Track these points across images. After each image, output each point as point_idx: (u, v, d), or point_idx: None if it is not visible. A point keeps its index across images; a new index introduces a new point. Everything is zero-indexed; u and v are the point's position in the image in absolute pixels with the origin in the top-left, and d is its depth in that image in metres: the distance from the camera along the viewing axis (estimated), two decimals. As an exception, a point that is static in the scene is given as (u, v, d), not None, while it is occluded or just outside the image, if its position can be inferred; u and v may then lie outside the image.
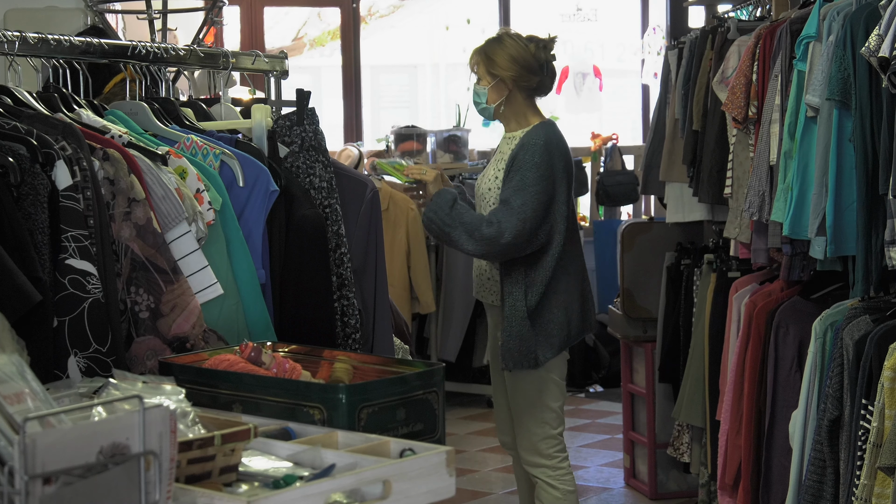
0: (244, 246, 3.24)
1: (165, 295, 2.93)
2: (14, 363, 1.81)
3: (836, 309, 3.90)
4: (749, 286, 4.67)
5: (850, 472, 3.57)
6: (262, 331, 3.21)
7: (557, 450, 4.33)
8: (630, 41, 10.65)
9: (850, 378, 3.61)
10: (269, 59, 3.99)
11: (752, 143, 4.41)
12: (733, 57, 4.62)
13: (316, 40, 11.66)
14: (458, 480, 2.10)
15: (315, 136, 3.66)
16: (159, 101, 3.52)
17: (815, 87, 3.79)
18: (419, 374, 2.68)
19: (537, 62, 4.25)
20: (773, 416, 4.27)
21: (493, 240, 4.03)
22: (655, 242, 5.87)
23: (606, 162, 9.12)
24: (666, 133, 5.39)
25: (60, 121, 2.97)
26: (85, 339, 2.72)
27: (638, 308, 5.95)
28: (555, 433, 4.31)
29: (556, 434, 4.32)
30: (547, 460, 4.32)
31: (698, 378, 5.09)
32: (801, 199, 3.88)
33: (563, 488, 4.32)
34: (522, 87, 4.26)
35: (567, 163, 4.23)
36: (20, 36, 3.15)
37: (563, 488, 4.32)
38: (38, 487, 1.53)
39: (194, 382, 2.62)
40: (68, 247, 2.74)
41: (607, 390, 8.46)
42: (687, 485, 5.82)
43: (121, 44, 3.56)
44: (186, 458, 1.91)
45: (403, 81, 12.97)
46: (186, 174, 3.14)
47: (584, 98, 10.57)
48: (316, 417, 2.49)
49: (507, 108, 4.29)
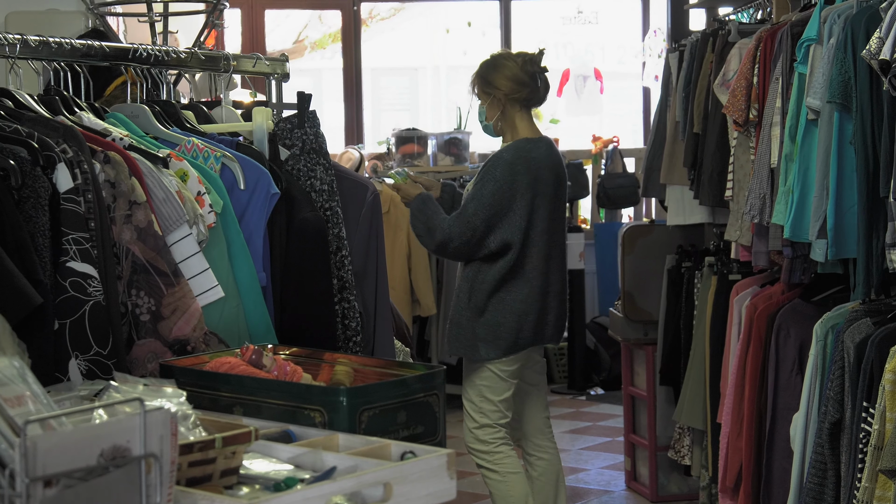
0: (245, 249, 3.24)
1: (166, 298, 2.93)
2: (15, 366, 1.81)
3: (837, 312, 3.90)
4: (750, 289, 4.67)
5: (851, 475, 3.57)
6: (263, 333, 3.21)
7: (495, 437, 4.55)
8: (631, 44, 10.65)
9: (851, 381, 3.61)
10: (270, 61, 3.99)
11: (752, 146, 4.41)
12: (734, 60, 4.62)
13: (317, 43, 11.67)
14: (458, 483, 2.10)
15: (316, 138, 3.66)
16: (160, 104, 3.52)
17: (816, 89, 3.79)
18: (420, 377, 2.68)
19: (526, 74, 4.56)
20: (774, 418, 4.27)
21: (443, 243, 4.46)
22: (656, 245, 5.87)
23: (607, 165, 9.12)
24: (667, 136, 5.39)
25: (61, 123, 2.97)
26: (86, 341, 2.72)
27: (639, 310, 5.95)
28: (491, 422, 4.55)
29: (494, 424, 4.55)
30: (483, 446, 4.56)
31: (699, 381, 5.09)
32: (801, 201, 3.88)
33: (502, 471, 4.54)
34: (514, 100, 4.56)
35: (538, 179, 4.46)
36: (21, 39, 3.15)
37: (502, 471, 4.54)
38: (38, 490, 1.53)
39: (195, 385, 2.62)
40: (69, 249, 2.74)
41: (608, 393, 8.46)
42: (688, 487, 5.82)
43: (122, 46, 3.56)
44: (187, 460, 1.91)
45: (404, 84, 12.98)
46: (187, 177, 3.14)
47: (585, 101, 10.57)
48: (317, 420, 2.49)
49: (503, 123, 4.61)
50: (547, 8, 11.47)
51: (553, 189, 4.50)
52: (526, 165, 4.43)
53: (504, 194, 4.40)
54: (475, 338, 4.47)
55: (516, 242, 4.41)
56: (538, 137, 4.56)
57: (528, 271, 4.46)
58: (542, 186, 4.46)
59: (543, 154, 4.50)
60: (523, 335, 4.47)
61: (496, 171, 4.43)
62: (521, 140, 4.52)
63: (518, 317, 4.45)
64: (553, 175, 4.51)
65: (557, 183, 4.53)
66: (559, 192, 4.55)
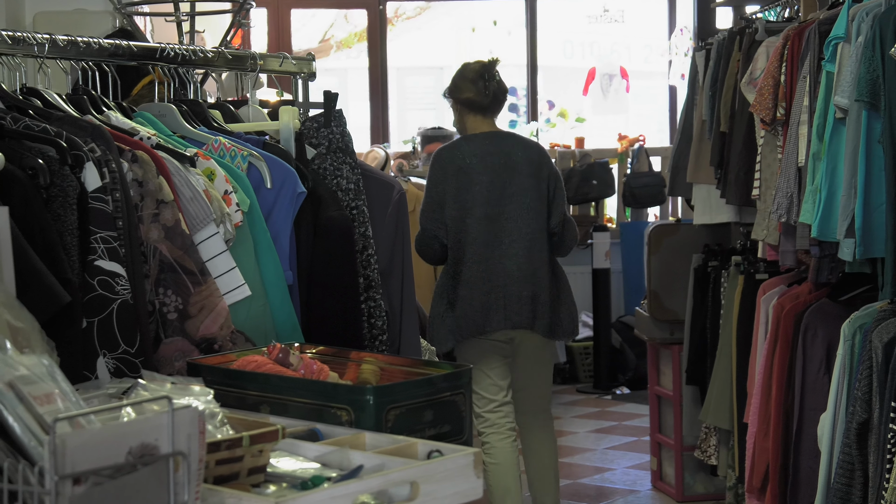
0: (272, 247, 3.25)
1: (193, 296, 2.94)
2: (44, 364, 1.82)
3: (864, 311, 3.88)
4: (777, 288, 4.65)
5: (879, 476, 3.55)
6: (290, 332, 3.21)
7: (484, 426, 4.78)
8: (657, 42, 10.64)
9: (879, 381, 3.59)
10: (296, 60, 4.00)
11: (780, 145, 4.39)
12: (761, 58, 4.60)
13: (343, 42, 11.70)
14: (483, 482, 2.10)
15: (342, 137, 3.66)
16: (187, 103, 3.53)
17: (844, 88, 3.77)
18: (446, 376, 2.68)
19: (467, 78, 4.79)
20: (801, 418, 4.25)
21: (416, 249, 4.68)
22: (682, 244, 5.85)
23: (633, 164, 9.10)
24: (693, 134, 5.37)
25: (89, 123, 2.98)
26: (114, 340, 2.73)
27: (665, 310, 5.93)
28: (479, 412, 4.75)
29: (481, 413, 4.75)
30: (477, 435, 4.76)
31: (725, 380, 5.07)
32: (829, 200, 3.85)
33: (486, 461, 4.74)
34: (460, 101, 4.81)
35: (460, 169, 4.68)
36: (50, 38, 3.17)
37: (486, 461, 4.74)
38: (67, 488, 1.54)
39: (222, 384, 2.62)
40: (97, 248, 2.75)
41: (634, 392, 8.44)
42: (714, 487, 5.80)
43: (149, 46, 3.58)
44: (215, 458, 1.91)
45: (430, 83, 12.98)
46: (214, 176, 3.15)
47: (611, 99, 10.56)
48: (343, 419, 2.49)
49: (460, 125, 4.88)
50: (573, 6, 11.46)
51: (490, 177, 4.65)
52: (440, 163, 4.70)
53: (431, 192, 4.70)
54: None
55: (445, 235, 4.67)
56: (477, 133, 4.77)
57: (463, 270, 4.63)
58: (466, 177, 4.64)
59: (475, 146, 4.70)
60: (464, 328, 4.61)
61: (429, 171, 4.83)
62: (456, 139, 4.89)
63: (462, 305, 4.61)
64: (490, 164, 4.66)
65: (503, 170, 4.66)
66: (506, 180, 4.66)
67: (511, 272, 4.61)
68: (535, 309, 4.64)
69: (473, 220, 4.61)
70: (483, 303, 4.60)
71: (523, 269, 4.63)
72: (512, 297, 4.61)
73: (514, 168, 4.68)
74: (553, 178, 4.76)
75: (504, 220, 4.63)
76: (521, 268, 4.62)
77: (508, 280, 4.61)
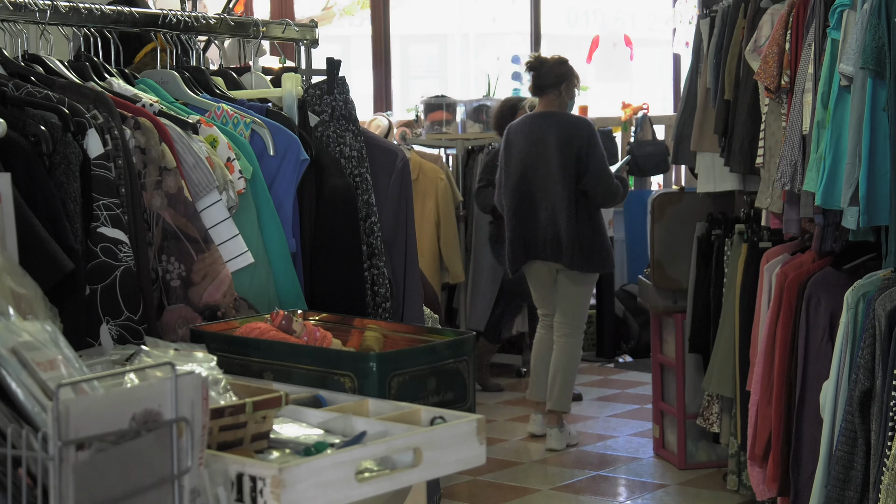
0: (275, 215, 3.24)
1: (196, 264, 2.94)
2: (47, 331, 1.82)
3: (868, 279, 3.88)
4: (780, 256, 4.64)
5: (881, 444, 3.56)
6: (293, 299, 3.21)
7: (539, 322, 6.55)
8: (661, 10, 10.59)
9: (882, 349, 3.59)
10: (299, 27, 3.98)
11: (784, 113, 4.38)
12: (766, 26, 4.59)
13: (346, 10, 11.64)
14: (487, 449, 2.11)
15: (345, 105, 3.65)
16: (190, 70, 3.52)
17: (849, 55, 3.76)
18: (450, 343, 2.69)
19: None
20: (804, 386, 4.26)
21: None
22: (686, 213, 5.84)
23: (637, 132, 9.07)
24: (697, 103, 5.36)
25: (92, 90, 2.97)
26: (117, 307, 2.73)
27: (668, 279, 5.93)
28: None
29: (537, 314, 6.54)
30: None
31: (728, 349, 5.08)
32: (833, 168, 3.84)
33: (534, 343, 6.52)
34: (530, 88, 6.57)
35: (509, 144, 6.37)
36: (52, 5, 3.16)
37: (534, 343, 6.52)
38: (71, 454, 1.54)
39: (226, 350, 2.63)
40: (100, 215, 2.75)
41: (637, 361, 8.45)
42: (716, 455, 5.81)
43: (152, 13, 3.56)
44: (218, 425, 1.92)
45: (433, 51, 12.94)
46: (217, 143, 3.15)
47: (615, 67, 10.52)
48: (347, 386, 2.50)
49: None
50: (577, -26, 11.41)
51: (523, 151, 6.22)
52: (504, 139, 6.42)
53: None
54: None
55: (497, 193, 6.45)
56: (525, 115, 6.41)
57: (507, 211, 6.32)
58: (511, 150, 6.28)
59: (518, 125, 6.34)
60: (514, 255, 6.30)
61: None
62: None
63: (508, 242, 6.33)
64: (526, 139, 6.22)
65: (535, 143, 6.17)
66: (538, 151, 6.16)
67: (540, 220, 6.16)
68: (551, 245, 6.15)
69: (510, 185, 6.27)
70: (519, 241, 6.26)
71: (549, 216, 6.13)
72: (541, 236, 6.17)
73: (541, 142, 6.15)
74: (585, 150, 6.12)
75: (532, 182, 6.19)
76: (548, 217, 6.13)
77: (538, 226, 6.17)
